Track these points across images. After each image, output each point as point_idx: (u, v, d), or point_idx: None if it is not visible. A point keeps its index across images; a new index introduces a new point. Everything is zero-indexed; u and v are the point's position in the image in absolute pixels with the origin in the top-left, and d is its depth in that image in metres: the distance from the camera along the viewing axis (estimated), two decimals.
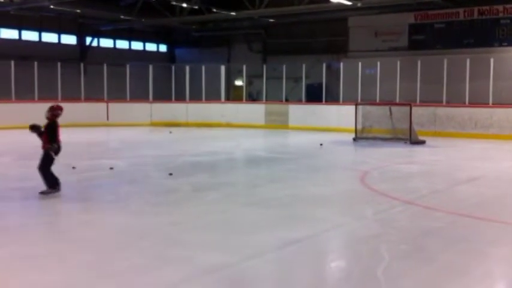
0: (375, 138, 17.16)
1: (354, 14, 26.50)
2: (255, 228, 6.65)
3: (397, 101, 20.12)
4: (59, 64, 22.78)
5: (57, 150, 8.31)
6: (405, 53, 25.01)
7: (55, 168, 8.43)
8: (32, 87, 21.94)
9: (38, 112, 22.40)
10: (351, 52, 27.38)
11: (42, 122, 8.44)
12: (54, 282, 4.78)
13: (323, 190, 9.34)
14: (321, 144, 16.01)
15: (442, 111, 19.82)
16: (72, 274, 4.97)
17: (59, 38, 30.63)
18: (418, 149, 15.91)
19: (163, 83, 26.03)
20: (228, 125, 23.42)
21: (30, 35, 29.21)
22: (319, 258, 5.69)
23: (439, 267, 5.27)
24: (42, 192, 8.27)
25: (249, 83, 28.15)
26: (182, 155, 13.97)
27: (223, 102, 25.41)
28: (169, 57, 35.84)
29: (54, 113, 8.37)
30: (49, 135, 8.27)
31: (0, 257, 5.48)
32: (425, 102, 20.52)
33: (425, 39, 25.79)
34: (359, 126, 17.64)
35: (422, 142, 16.76)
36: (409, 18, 26.11)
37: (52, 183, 8.34)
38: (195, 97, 24.71)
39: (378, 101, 20.59)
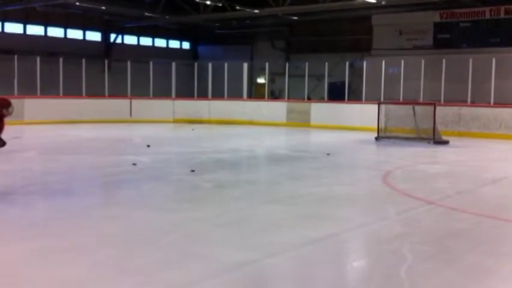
0: (397, 138, 17.01)
1: (378, 12, 26.33)
2: (276, 226, 6.64)
3: (421, 100, 19.93)
4: (83, 60, 23.06)
5: None
6: (430, 52, 24.77)
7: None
8: (57, 83, 22.23)
9: (62, 108, 22.53)
10: (374, 50, 27.20)
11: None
12: (76, 277, 4.82)
13: (345, 189, 9.28)
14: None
15: (467, 111, 19.56)
16: (94, 269, 5.01)
17: (84, 35, 31.04)
18: (441, 149, 15.73)
19: (186, 80, 26.17)
20: (250, 123, 23.43)
21: (56, 32, 29.64)
22: (341, 258, 5.67)
23: (463, 269, 5.21)
24: None
25: (271, 80, 28.14)
26: (204, 152, 14.02)
27: (245, 100, 25.44)
28: (192, 55, 36.00)
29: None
30: None
31: (29, 250, 5.56)
32: (450, 101, 20.28)
33: (451, 38, 25.52)
34: (381, 125, 17.51)
35: (446, 142, 16.56)
36: (435, 16, 25.85)
37: None
38: (218, 94, 24.80)
39: (401, 100, 20.41)
